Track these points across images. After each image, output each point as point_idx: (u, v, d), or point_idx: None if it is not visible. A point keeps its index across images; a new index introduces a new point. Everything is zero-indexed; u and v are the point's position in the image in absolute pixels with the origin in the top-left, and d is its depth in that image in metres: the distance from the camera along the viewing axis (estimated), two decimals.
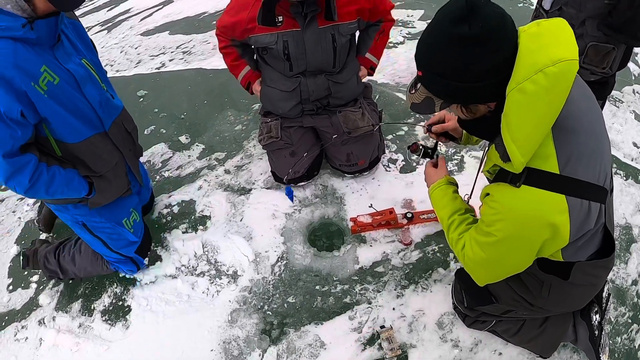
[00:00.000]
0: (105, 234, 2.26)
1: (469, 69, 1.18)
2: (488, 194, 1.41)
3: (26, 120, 1.72)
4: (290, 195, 2.71)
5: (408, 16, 4.88)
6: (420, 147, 2.04)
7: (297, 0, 2.17)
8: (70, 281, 2.58)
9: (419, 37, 1.28)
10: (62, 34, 1.83)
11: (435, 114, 1.90)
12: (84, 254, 2.42)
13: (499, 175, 1.37)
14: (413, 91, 1.38)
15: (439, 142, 2.00)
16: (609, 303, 1.97)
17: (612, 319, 2.23)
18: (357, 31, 2.58)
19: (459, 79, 1.21)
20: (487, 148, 1.60)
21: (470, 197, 1.94)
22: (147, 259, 2.52)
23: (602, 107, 2.78)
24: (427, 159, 2.01)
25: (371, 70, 2.81)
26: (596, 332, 1.92)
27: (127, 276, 2.52)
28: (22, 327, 2.42)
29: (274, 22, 2.28)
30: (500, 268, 1.50)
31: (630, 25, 2.30)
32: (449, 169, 2.81)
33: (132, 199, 2.42)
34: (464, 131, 1.90)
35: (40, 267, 2.51)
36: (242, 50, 2.63)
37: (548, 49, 1.14)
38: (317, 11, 2.29)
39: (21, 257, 2.54)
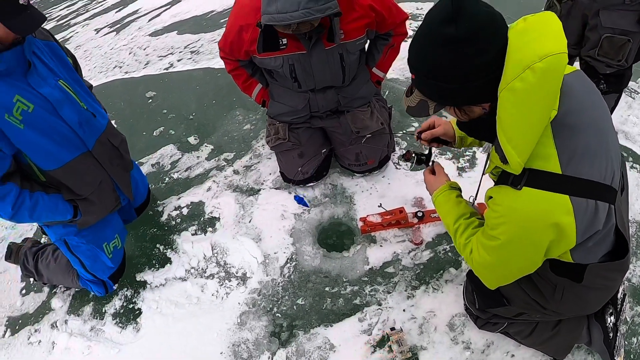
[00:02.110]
0: (83, 254, 2.29)
1: (457, 70, 1.17)
2: (491, 197, 1.38)
3: (2, 153, 1.75)
4: (302, 202, 2.71)
5: (417, 9, 4.82)
6: (414, 155, 2.02)
7: (296, 32, 2.07)
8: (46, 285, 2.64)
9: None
10: (35, 58, 1.82)
11: (425, 121, 1.92)
12: (59, 264, 2.44)
13: (501, 178, 1.35)
14: (409, 95, 1.38)
15: (433, 148, 1.98)
16: (624, 304, 1.91)
17: (628, 319, 2.17)
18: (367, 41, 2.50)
19: (449, 80, 1.20)
20: (489, 149, 1.57)
21: (475, 199, 1.91)
22: (117, 284, 2.53)
23: (618, 100, 2.71)
24: (424, 166, 1.99)
25: (377, 84, 2.73)
26: (611, 334, 1.87)
27: (137, 279, 2.54)
28: (35, 331, 2.45)
29: (277, 47, 2.21)
30: (508, 271, 1.47)
31: None
32: (460, 166, 2.79)
33: (118, 223, 2.44)
34: (456, 134, 1.88)
35: (20, 264, 2.55)
36: (252, 69, 2.57)
37: (534, 44, 1.11)
38: (322, 32, 2.20)
39: (6, 249, 2.60)
